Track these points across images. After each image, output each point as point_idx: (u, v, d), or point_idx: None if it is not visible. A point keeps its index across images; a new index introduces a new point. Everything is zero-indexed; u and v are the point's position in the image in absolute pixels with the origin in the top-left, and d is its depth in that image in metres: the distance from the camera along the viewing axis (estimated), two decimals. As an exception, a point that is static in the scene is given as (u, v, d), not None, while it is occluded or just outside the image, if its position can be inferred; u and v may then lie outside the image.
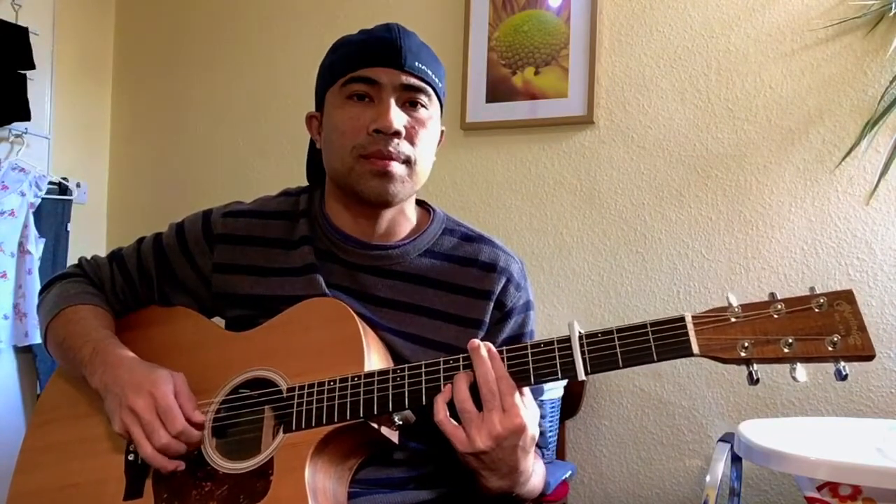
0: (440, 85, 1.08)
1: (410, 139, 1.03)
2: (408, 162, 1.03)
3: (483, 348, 0.90)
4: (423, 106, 1.05)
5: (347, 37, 1.09)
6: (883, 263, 1.86)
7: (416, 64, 1.03)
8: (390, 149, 1.01)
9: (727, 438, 1.77)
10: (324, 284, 1.06)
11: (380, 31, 1.05)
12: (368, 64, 1.02)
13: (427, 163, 1.07)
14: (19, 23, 2.39)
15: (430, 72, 1.05)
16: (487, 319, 1.07)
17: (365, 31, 1.08)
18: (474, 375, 0.89)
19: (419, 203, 1.17)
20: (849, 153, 1.89)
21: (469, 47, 2.29)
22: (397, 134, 1.01)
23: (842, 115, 1.91)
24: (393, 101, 1.02)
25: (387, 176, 1.01)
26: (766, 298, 0.84)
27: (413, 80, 1.03)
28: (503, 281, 1.09)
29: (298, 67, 2.54)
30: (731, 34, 2.03)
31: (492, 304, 1.08)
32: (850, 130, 1.90)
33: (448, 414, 0.89)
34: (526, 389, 0.91)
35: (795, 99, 1.96)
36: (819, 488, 1.35)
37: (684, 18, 2.09)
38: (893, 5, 1.83)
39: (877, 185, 1.86)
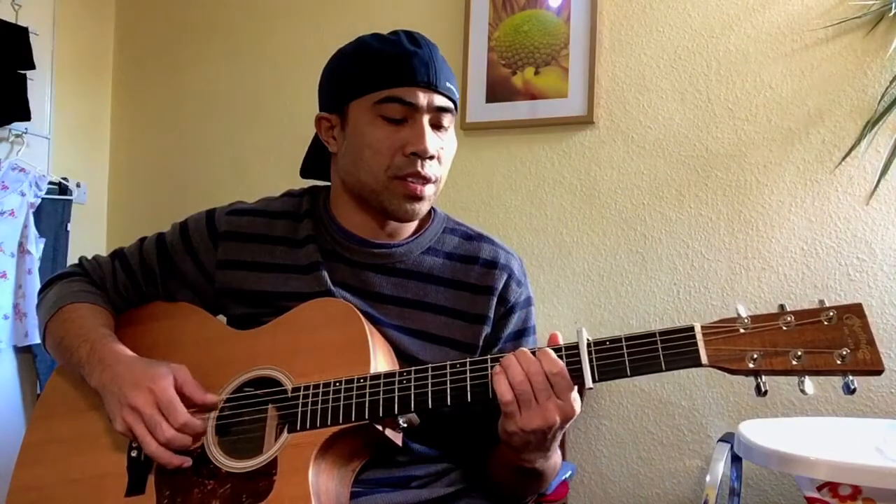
0: (458, 99, 1.10)
1: (439, 159, 1.06)
2: (435, 181, 1.06)
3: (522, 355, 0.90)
4: (446, 127, 1.07)
5: (370, 45, 1.06)
6: (883, 263, 1.86)
7: (447, 84, 1.05)
8: (426, 171, 1.03)
9: (727, 438, 1.77)
10: (329, 281, 1.07)
11: (409, 45, 1.04)
12: (403, 83, 1.02)
13: (445, 177, 1.10)
14: (19, 23, 2.39)
15: (455, 90, 1.07)
16: (492, 315, 1.09)
17: (389, 42, 1.05)
18: (522, 366, 0.88)
19: None
20: (849, 153, 1.89)
21: (469, 47, 2.29)
22: (432, 157, 1.03)
23: (842, 115, 1.91)
24: (427, 123, 1.03)
25: (418, 199, 1.04)
26: (773, 306, 0.84)
27: (444, 102, 1.05)
28: (505, 277, 1.10)
29: (300, 67, 2.54)
30: (731, 34, 2.03)
31: (495, 300, 1.09)
32: (850, 130, 1.90)
33: (513, 396, 0.87)
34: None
35: (795, 99, 1.96)
36: (819, 488, 1.36)
37: (684, 18, 2.09)
38: (893, 5, 1.83)
39: (877, 185, 1.86)
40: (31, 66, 2.38)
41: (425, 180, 1.03)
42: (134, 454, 1.02)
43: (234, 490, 0.95)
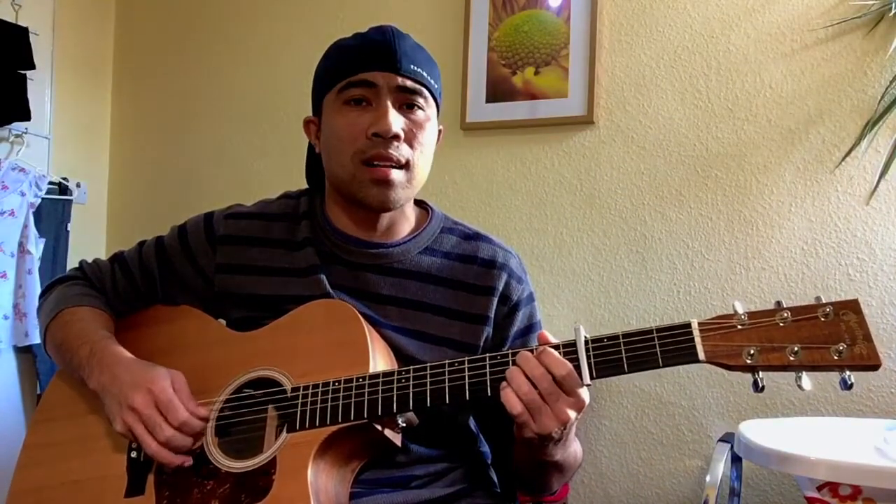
0: (436, 86, 1.08)
1: (409, 142, 1.04)
2: (407, 165, 1.03)
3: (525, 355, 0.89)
4: (419, 108, 1.05)
5: (341, 41, 1.09)
6: (883, 263, 1.86)
7: (412, 67, 1.04)
8: (390, 152, 1.01)
9: (727, 438, 1.77)
10: (328, 284, 1.06)
11: (374, 35, 1.05)
12: (364, 68, 1.02)
13: (426, 165, 1.08)
14: (19, 23, 2.39)
15: (425, 73, 1.05)
16: (492, 315, 1.08)
17: (359, 35, 1.08)
18: (526, 375, 0.87)
19: (417, 202, 1.18)
20: (849, 153, 1.89)
21: (469, 47, 2.29)
22: (396, 137, 1.01)
23: (842, 115, 1.91)
24: (390, 104, 1.02)
25: (387, 184, 1.02)
26: (772, 306, 0.84)
27: (409, 83, 1.03)
28: (504, 276, 1.10)
29: (299, 67, 2.54)
30: (731, 34, 2.03)
31: (496, 300, 1.08)
32: (850, 130, 1.90)
33: (524, 407, 0.87)
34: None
35: (795, 99, 1.96)
36: (819, 488, 1.36)
37: (684, 18, 2.09)
38: (893, 5, 1.83)
39: (877, 185, 1.86)
40: (31, 66, 2.38)
41: (393, 162, 1.02)
42: (133, 455, 1.02)
43: (234, 489, 0.95)
